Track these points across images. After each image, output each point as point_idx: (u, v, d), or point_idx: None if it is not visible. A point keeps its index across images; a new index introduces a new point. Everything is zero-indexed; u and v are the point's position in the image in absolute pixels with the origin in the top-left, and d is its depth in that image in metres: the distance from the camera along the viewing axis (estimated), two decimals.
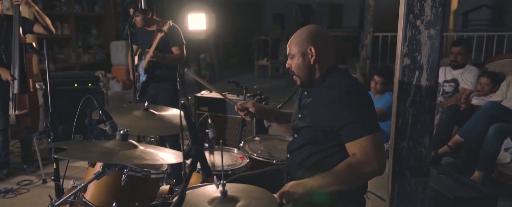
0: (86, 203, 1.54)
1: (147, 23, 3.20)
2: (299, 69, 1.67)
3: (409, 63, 1.60)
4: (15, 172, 3.60)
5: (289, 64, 1.71)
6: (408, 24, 1.57)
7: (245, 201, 1.30)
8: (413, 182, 1.70)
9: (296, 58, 1.66)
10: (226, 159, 2.30)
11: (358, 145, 1.49)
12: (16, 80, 3.20)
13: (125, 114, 1.95)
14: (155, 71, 3.24)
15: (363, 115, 1.51)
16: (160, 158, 1.27)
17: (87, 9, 6.32)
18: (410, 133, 1.65)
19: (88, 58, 6.35)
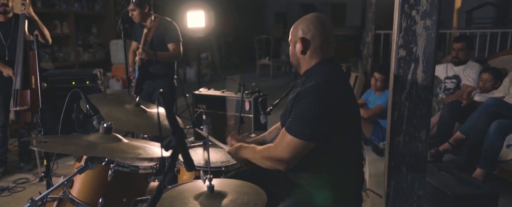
0: (73, 199, 1.50)
1: (144, 18, 3.16)
2: (292, 57, 1.66)
3: (405, 55, 1.55)
4: (12, 170, 3.58)
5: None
6: (403, 15, 1.52)
7: (232, 196, 1.26)
8: (409, 178, 1.65)
9: (291, 46, 1.65)
10: (220, 155, 2.26)
11: (283, 136, 1.50)
12: (19, 76, 3.21)
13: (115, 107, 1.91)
14: (149, 68, 3.19)
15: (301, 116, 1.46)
16: (144, 152, 1.23)
17: (87, 7, 6.30)
18: (406, 127, 1.60)
19: (88, 57, 6.34)
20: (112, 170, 1.41)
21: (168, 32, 3.17)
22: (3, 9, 3.27)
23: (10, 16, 3.35)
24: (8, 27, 3.32)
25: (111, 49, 6.45)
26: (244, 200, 1.24)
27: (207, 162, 2.12)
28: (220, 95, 3.79)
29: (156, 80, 3.24)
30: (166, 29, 3.18)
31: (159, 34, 3.16)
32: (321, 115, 1.46)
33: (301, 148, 1.46)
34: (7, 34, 3.32)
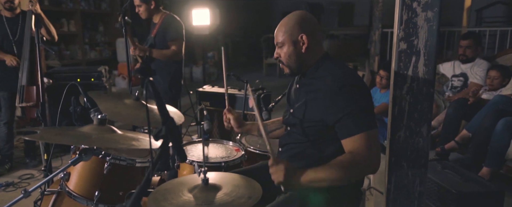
0: (69, 192, 1.50)
1: (151, 14, 3.15)
2: (290, 58, 1.58)
3: (406, 48, 1.52)
4: (18, 166, 3.61)
5: (277, 53, 1.61)
6: (404, 7, 1.49)
7: (227, 189, 1.24)
8: (410, 174, 1.61)
9: (286, 47, 1.57)
10: (221, 151, 2.25)
11: (352, 142, 1.42)
12: (25, 72, 3.23)
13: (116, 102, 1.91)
14: (150, 65, 3.19)
15: (358, 110, 1.42)
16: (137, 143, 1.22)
17: (94, 6, 6.34)
18: (407, 122, 1.57)
19: (95, 55, 6.37)
20: (108, 163, 1.41)
21: (170, 29, 3.15)
22: (9, 6, 3.30)
23: (17, 12, 3.39)
24: (15, 23, 3.36)
25: (117, 48, 6.48)
26: (239, 193, 1.22)
27: (207, 157, 2.12)
28: (223, 93, 3.77)
29: (155, 77, 3.23)
30: (169, 26, 3.16)
31: (162, 31, 3.15)
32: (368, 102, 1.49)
33: (372, 138, 1.42)
34: (14, 31, 3.36)
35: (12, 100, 3.42)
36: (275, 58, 1.64)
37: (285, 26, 1.57)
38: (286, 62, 1.59)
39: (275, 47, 1.63)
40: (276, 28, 1.61)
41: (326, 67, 1.56)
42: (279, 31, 1.59)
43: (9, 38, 3.35)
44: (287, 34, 1.56)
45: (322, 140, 1.54)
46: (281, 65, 1.63)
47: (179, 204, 1.15)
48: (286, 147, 1.68)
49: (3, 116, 3.42)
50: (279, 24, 1.61)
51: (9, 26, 3.34)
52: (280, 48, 1.60)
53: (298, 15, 1.59)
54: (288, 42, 1.57)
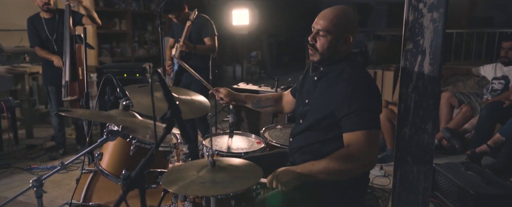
0: (102, 170, 1.72)
1: (186, 18, 3.38)
2: (328, 49, 1.58)
3: (411, 47, 1.58)
4: (70, 152, 3.99)
5: (314, 40, 1.61)
6: (410, 8, 1.55)
7: (231, 171, 1.38)
8: (415, 170, 1.66)
9: (329, 38, 1.57)
10: (244, 143, 2.40)
11: (353, 137, 1.48)
12: (67, 68, 3.53)
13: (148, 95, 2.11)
14: (187, 62, 3.39)
15: (365, 109, 1.48)
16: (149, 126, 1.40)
17: (144, 6, 6.76)
18: (413, 119, 1.62)
19: (143, 52, 6.79)
20: (134, 146, 1.60)
21: (205, 27, 3.38)
22: (46, 7, 3.55)
23: (54, 12, 3.63)
24: (53, 23, 3.63)
25: (164, 45, 6.85)
26: (240, 175, 1.36)
27: (230, 148, 2.28)
28: (256, 90, 3.92)
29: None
30: (202, 24, 3.38)
31: (196, 29, 3.36)
32: (377, 104, 1.54)
33: (373, 137, 1.46)
34: (53, 30, 3.63)
35: (59, 94, 3.74)
36: (309, 41, 1.63)
37: (336, 19, 1.56)
38: (321, 50, 1.60)
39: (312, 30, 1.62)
40: (322, 15, 1.60)
41: (347, 65, 1.61)
42: (327, 20, 1.57)
43: (49, 38, 3.63)
44: (335, 27, 1.56)
45: (331, 133, 1.61)
46: (312, 51, 1.63)
47: (187, 181, 1.31)
48: (297, 138, 1.76)
49: (53, 107, 3.78)
50: (327, 13, 1.59)
51: (48, 27, 3.61)
52: (320, 36, 1.59)
53: (350, 13, 1.60)
54: (333, 34, 1.56)
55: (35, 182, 1.32)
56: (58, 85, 3.69)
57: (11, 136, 3.78)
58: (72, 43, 3.50)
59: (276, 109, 2.18)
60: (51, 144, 4.18)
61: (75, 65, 3.55)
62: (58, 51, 3.64)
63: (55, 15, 3.63)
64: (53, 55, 3.58)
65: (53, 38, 3.63)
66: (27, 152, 3.98)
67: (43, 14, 3.62)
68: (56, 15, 3.63)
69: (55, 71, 3.61)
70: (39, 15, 3.64)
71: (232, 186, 1.28)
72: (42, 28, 3.61)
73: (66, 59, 3.51)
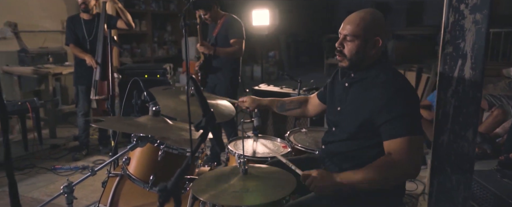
0: (129, 175, 1.70)
1: (216, 18, 3.34)
2: (356, 54, 1.53)
3: (451, 50, 1.50)
4: (93, 153, 4.02)
5: (341, 45, 1.56)
6: (450, 9, 1.47)
7: (264, 179, 1.34)
8: (454, 179, 1.59)
9: (357, 42, 1.52)
10: (269, 146, 2.35)
11: (394, 144, 1.42)
12: (99, 68, 3.59)
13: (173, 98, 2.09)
14: (211, 62, 3.36)
15: (406, 115, 1.42)
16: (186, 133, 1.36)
17: (163, 7, 6.79)
18: (452, 125, 1.55)
19: (162, 53, 6.83)
20: (162, 151, 1.58)
21: (232, 28, 3.30)
22: (84, 7, 3.65)
23: (93, 14, 3.75)
24: (91, 24, 3.73)
25: (183, 46, 6.88)
26: (274, 183, 1.31)
27: (255, 152, 2.24)
28: (278, 91, 3.87)
29: (216, 73, 3.39)
30: (230, 26, 3.31)
31: (224, 31, 3.31)
32: (416, 109, 1.48)
33: (415, 143, 1.40)
34: (90, 31, 3.74)
35: (88, 94, 3.81)
36: (336, 47, 1.58)
37: (363, 22, 1.51)
38: (350, 56, 1.55)
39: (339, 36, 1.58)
40: (349, 20, 1.55)
41: (380, 69, 1.56)
42: (353, 24, 1.52)
43: (85, 38, 3.73)
44: (363, 31, 1.51)
45: (367, 141, 1.55)
46: (340, 57, 1.58)
47: (219, 189, 1.27)
48: (331, 145, 1.70)
49: (81, 107, 3.83)
50: (353, 17, 1.55)
51: (86, 28, 3.72)
52: (347, 41, 1.54)
53: (378, 15, 1.55)
54: (361, 38, 1.52)
55: (66, 188, 1.30)
56: (88, 85, 3.75)
57: (36, 135, 3.83)
58: (105, 44, 3.57)
59: (301, 112, 2.14)
60: (74, 143, 4.23)
61: (105, 65, 3.61)
62: (91, 51, 3.72)
63: (95, 17, 3.74)
64: (86, 54, 3.67)
65: (89, 39, 3.72)
66: (51, 152, 4.03)
67: (82, 15, 3.75)
68: (95, 18, 3.73)
69: (86, 71, 3.69)
70: (79, 15, 3.76)
71: (265, 196, 1.23)
72: (80, 28, 3.72)
73: (98, 59, 3.59)
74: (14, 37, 4.59)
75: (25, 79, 4.58)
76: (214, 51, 3.26)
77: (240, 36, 3.36)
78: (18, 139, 4.10)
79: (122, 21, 3.74)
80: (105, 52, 3.63)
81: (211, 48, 3.25)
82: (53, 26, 4.97)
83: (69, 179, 1.43)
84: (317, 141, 2.47)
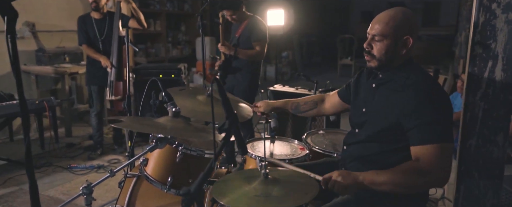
0: (147, 176, 1.68)
1: (242, 18, 3.30)
2: (386, 54, 1.48)
3: (481, 52, 1.44)
4: (107, 152, 4.03)
5: (369, 46, 1.51)
6: (481, 8, 1.42)
7: (286, 184, 1.30)
8: (482, 185, 1.53)
9: (386, 41, 1.46)
10: (286, 149, 2.31)
11: (423, 150, 1.36)
12: (114, 68, 3.59)
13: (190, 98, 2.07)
14: (232, 63, 3.32)
15: (438, 121, 1.37)
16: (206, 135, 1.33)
17: (177, 7, 6.80)
18: (480, 129, 1.49)
19: (176, 53, 6.84)
20: (180, 152, 1.55)
21: (255, 31, 3.25)
22: (95, 6, 3.62)
23: (104, 13, 3.73)
24: (103, 23, 3.72)
25: (196, 46, 6.88)
26: (297, 188, 1.27)
27: (272, 154, 2.20)
28: (294, 92, 3.83)
29: (236, 75, 3.34)
30: (254, 27, 3.26)
31: (247, 32, 3.27)
32: (449, 115, 1.42)
33: (445, 151, 1.35)
34: (102, 30, 3.72)
35: (101, 94, 3.82)
36: (364, 48, 1.53)
37: (393, 21, 1.45)
38: (379, 56, 1.49)
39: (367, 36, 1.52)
40: (378, 19, 1.50)
41: (410, 71, 1.50)
42: (382, 23, 1.47)
43: (97, 37, 3.71)
44: (393, 29, 1.45)
45: (392, 144, 1.50)
46: (368, 57, 1.53)
47: (239, 193, 1.24)
48: (353, 147, 1.65)
49: (94, 107, 3.84)
50: (383, 16, 1.49)
51: (97, 27, 3.70)
52: (376, 41, 1.49)
53: (408, 14, 1.49)
54: (391, 38, 1.46)
55: (85, 189, 1.28)
56: (100, 85, 3.76)
57: (52, 134, 3.87)
58: (120, 44, 3.57)
59: (317, 111, 2.09)
60: (89, 142, 4.26)
61: (121, 65, 3.61)
62: (104, 51, 3.72)
63: (106, 16, 3.73)
64: (101, 55, 3.66)
65: (101, 38, 3.71)
66: (66, 150, 4.06)
67: (93, 14, 3.72)
68: (107, 16, 3.72)
69: (98, 71, 3.69)
70: (90, 15, 3.74)
71: (289, 201, 1.19)
72: (91, 27, 3.70)
73: (113, 60, 3.59)
74: (32, 37, 4.64)
75: (42, 78, 4.63)
76: (235, 52, 3.22)
77: (263, 39, 3.30)
78: (35, 137, 4.14)
79: (134, 21, 3.71)
80: (121, 53, 3.63)
81: (232, 49, 3.21)
82: (69, 26, 5.01)
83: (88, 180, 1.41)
84: (335, 143, 2.42)
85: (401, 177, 1.35)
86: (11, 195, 3.02)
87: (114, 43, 3.60)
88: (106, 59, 3.63)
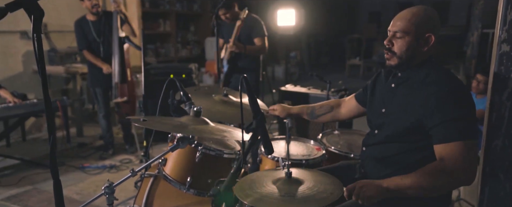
0: (166, 176, 1.67)
1: (236, 17, 3.31)
2: (406, 51, 1.46)
3: (509, 50, 1.41)
4: (119, 151, 4.04)
5: (390, 43, 1.49)
6: (509, 5, 1.39)
7: (309, 184, 1.28)
8: (508, 186, 1.50)
9: (407, 38, 1.45)
10: (302, 149, 2.29)
11: (447, 149, 1.34)
12: (117, 71, 3.56)
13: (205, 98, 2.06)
14: (237, 63, 3.34)
15: (461, 118, 1.34)
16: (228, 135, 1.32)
17: (187, 7, 6.80)
18: (507, 129, 1.46)
19: (186, 53, 6.84)
20: (200, 152, 1.54)
21: (255, 27, 3.32)
22: (96, 10, 3.56)
23: (100, 14, 3.65)
24: (99, 25, 3.65)
25: (206, 46, 6.87)
26: (321, 188, 1.25)
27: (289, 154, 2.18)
28: (305, 92, 3.81)
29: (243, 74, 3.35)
30: (253, 24, 3.33)
31: (247, 29, 3.31)
32: (472, 112, 1.40)
33: (470, 148, 1.33)
34: (99, 32, 3.66)
35: (106, 95, 3.80)
36: (385, 45, 1.52)
37: (415, 17, 1.44)
38: (400, 53, 1.48)
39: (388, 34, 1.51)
40: (400, 16, 1.49)
41: (430, 69, 1.48)
42: (404, 19, 1.46)
43: (96, 40, 3.66)
44: (415, 26, 1.44)
45: (413, 144, 1.48)
46: (388, 54, 1.52)
47: (263, 193, 1.22)
48: (373, 148, 1.63)
49: (101, 109, 3.84)
50: (404, 13, 1.48)
51: (94, 29, 3.63)
52: (397, 38, 1.48)
53: (431, 11, 1.47)
54: (412, 35, 1.45)
55: (107, 189, 1.27)
56: (104, 87, 3.74)
57: (64, 134, 3.89)
58: (121, 45, 3.53)
59: (333, 116, 2.07)
60: (100, 142, 4.27)
61: (124, 67, 3.58)
62: (104, 53, 3.68)
63: (101, 17, 3.66)
64: (103, 63, 3.62)
65: (100, 41, 3.66)
66: (78, 150, 4.08)
67: (89, 16, 3.65)
68: (102, 17, 3.66)
69: (101, 74, 3.67)
70: (86, 17, 3.67)
71: (316, 201, 1.17)
72: (89, 30, 3.64)
73: (115, 61, 3.55)
74: (44, 37, 4.67)
75: (54, 78, 4.66)
76: (245, 49, 3.26)
77: (264, 34, 3.39)
78: (45, 137, 4.16)
79: (128, 27, 3.65)
80: (122, 54, 3.59)
81: (242, 47, 3.24)
82: None
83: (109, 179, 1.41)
84: (350, 143, 2.40)
85: (427, 179, 1.32)
86: (25, 195, 3.04)
87: (115, 44, 3.56)
88: (108, 67, 3.59)
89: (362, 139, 2.46)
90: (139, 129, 4.57)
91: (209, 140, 1.63)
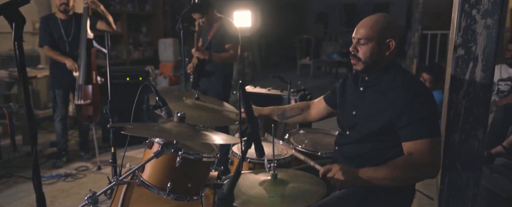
0: (144, 182, 1.65)
1: (212, 21, 3.27)
2: (370, 57, 1.57)
3: (463, 53, 1.57)
4: (73, 159, 3.86)
5: (355, 49, 1.60)
6: (462, 14, 1.54)
7: (295, 184, 1.34)
8: (464, 176, 1.66)
9: (371, 45, 1.56)
10: (271, 149, 2.35)
11: (416, 145, 1.47)
12: (82, 72, 3.43)
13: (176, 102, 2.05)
14: (205, 67, 3.30)
15: (427, 117, 1.48)
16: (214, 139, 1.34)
17: (138, 7, 6.62)
18: (463, 125, 1.62)
19: (138, 55, 6.65)
20: (180, 157, 1.54)
21: (228, 33, 3.24)
22: (64, 8, 3.48)
23: (70, 14, 3.57)
24: (69, 25, 3.55)
25: (159, 48, 6.73)
26: (306, 187, 1.32)
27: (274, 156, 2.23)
28: (266, 93, 3.89)
29: (210, 78, 3.32)
30: (227, 30, 3.25)
31: (219, 35, 3.25)
32: (435, 111, 1.52)
33: (436, 145, 1.47)
34: (68, 32, 3.55)
35: (66, 98, 3.64)
36: (350, 52, 1.62)
37: (377, 25, 1.55)
38: (364, 59, 1.58)
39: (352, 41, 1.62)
40: (362, 24, 1.59)
41: (394, 72, 1.61)
42: (366, 27, 1.56)
43: (63, 39, 3.54)
44: (377, 33, 1.55)
45: (384, 143, 1.59)
46: (354, 60, 1.62)
47: (254, 195, 1.26)
48: (346, 147, 1.73)
49: (58, 112, 3.65)
50: (367, 21, 1.58)
51: (63, 28, 3.53)
52: (361, 45, 1.58)
53: (390, 19, 1.59)
54: (375, 41, 1.55)
55: (90, 199, 1.24)
56: (66, 89, 3.58)
57: (9, 143, 3.63)
58: (88, 46, 3.42)
59: (303, 118, 2.16)
60: (51, 150, 4.04)
61: (90, 69, 3.46)
62: (70, 53, 3.55)
63: (72, 17, 3.57)
64: (66, 57, 3.49)
65: (67, 40, 3.55)
66: (27, 159, 3.83)
67: (59, 15, 3.55)
68: (73, 17, 3.57)
69: (64, 74, 3.51)
70: (55, 15, 3.57)
71: (304, 200, 1.23)
72: (57, 28, 3.53)
73: (81, 63, 3.43)
74: None
75: None
76: (209, 56, 3.20)
77: (237, 41, 3.31)
78: None
79: (103, 23, 3.60)
80: (90, 55, 3.49)
81: (206, 54, 3.18)
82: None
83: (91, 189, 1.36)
84: (315, 142, 2.50)
85: (398, 171, 1.44)
86: None
87: (82, 45, 3.45)
88: (71, 61, 3.46)
89: (326, 137, 2.59)
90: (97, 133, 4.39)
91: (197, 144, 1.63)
